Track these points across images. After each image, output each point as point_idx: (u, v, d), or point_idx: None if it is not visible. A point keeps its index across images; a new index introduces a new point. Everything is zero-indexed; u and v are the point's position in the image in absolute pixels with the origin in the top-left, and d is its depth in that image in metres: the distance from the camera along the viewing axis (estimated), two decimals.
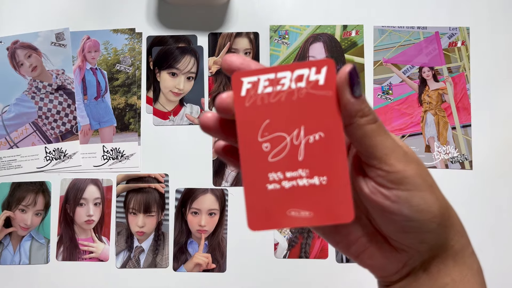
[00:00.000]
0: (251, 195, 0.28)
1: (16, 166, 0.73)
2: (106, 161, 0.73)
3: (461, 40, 0.74)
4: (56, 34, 0.75)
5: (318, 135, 0.27)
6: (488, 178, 0.72)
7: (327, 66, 0.27)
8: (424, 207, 0.27)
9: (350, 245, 0.30)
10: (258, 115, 0.28)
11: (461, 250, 0.29)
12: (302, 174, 0.27)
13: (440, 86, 0.73)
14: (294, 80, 0.28)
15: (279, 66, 0.28)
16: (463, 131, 0.73)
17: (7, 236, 0.72)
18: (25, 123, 0.74)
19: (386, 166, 0.26)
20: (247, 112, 0.28)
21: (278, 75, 0.28)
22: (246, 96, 0.28)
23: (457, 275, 0.29)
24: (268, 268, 0.71)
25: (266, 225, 0.28)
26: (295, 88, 0.28)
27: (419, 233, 0.27)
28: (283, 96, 0.28)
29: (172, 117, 0.74)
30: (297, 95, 0.28)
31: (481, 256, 0.31)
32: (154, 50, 0.74)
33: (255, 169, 0.28)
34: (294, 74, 0.28)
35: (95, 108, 0.74)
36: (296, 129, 0.28)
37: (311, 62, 0.27)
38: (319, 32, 0.74)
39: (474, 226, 0.71)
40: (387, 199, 0.27)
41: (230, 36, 0.75)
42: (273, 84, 0.28)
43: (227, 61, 0.29)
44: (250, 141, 0.28)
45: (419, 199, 0.27)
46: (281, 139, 0.28)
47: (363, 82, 0.74)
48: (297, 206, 0.27)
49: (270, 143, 0.28)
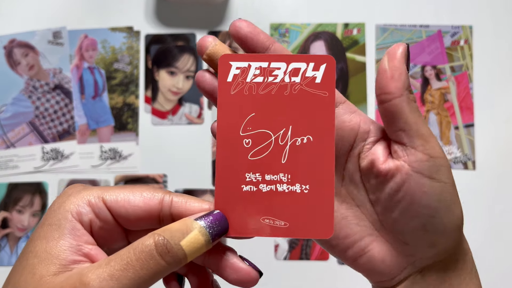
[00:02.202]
0: (222, 194, 0.25)
1: (13, 166, 0.72)
2: (104, 161, 0.72)
3: (464, 39, 0.73)
4: (53, 32, 0.74)
5: (306, 138, 0.25)
6: (491, 179, 0.71)
7: (327, 64, 0.25)
8: (450, 203, 0.26)
9: (347, 250, 0.29)
10: (243, 106, 0.26)
11: (462, 255, 0.28)
12: (283, 179, 0.25)
13: (442, 85, 0.73)
14: (288, 73, 0.25)
15: (274, 55, 0.26)
16: (466, 131, 0.72)
17: (4, 237, 0.72)
18: (22, 122, 0.73)
19: (429, 148, 0.25)
20: (231, 100, 0.26)
21: (272, 65, 0.25)
22: (233, 83, 0.26)
23: (455, 280, 0.28)
24: (269, 270, 0.71)
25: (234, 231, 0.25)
26: (289, 82, 0.25)
27: (436, 234, 0.27)
28: (274, 89, 0.25)
29: (170, 116, 0.73)
30: (290, 90, 0.25)
31: (484, 257, 0.31)
32: (153, 49, 0.74)
33: (232, 165, 0.26)
34: (290, 66, 0.25)
35: (93, 107, 0.73)
36: (283, 128, 0.25)
37: (310, 56, 0.25)
38: (320, 31, 0.74)
39: (477, 227, 0.70)
40: (421, 187, 0.26)
41: (230, 35, 0.74)
42: (264, 74, 0.25)
43: (236, 26, 0.28)
44: (231, 133, 0.26)
45: (448, 194, 0.26)
46: (266, 136, 0.25)
47: (364, 81, 0.73)
48: (272, 214, 0.25)
49: (252, 140, 0.25)
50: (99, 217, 0.25)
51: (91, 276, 0.22)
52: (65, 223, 0.24)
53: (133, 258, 0.22)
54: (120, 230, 0.26)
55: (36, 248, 0.23)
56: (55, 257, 0.23)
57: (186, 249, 0.23)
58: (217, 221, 0.24)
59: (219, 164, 0.26)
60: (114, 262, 0.22)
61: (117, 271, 0.22)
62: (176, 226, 0.23)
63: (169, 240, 0.22)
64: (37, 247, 0.23)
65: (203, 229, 0.24)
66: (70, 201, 0.25)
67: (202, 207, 0.26)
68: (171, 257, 0.22)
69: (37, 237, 0.24)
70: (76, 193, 0.25)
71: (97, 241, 0.25)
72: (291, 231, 0.25)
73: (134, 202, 0.25)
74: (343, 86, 0.73)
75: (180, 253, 0.23)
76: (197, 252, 0.23)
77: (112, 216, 0.25)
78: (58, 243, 0.23)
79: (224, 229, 0.25)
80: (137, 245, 0.23)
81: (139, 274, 0.22)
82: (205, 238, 0.24)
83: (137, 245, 0.23)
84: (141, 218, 0.26)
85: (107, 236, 0.26)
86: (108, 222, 0.25)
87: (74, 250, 0.23)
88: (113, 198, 0.25)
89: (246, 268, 0.25)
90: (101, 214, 0.25)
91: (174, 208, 0.26)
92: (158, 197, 0.26)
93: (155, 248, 0.22)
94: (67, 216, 0.24)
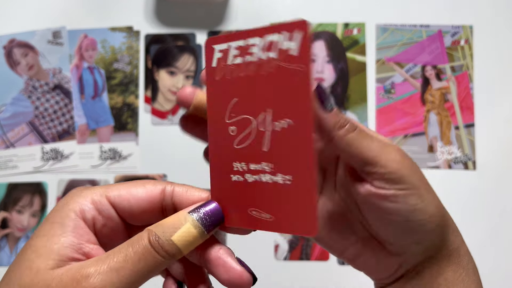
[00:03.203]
0: (216, 184, 0.25)
1: (12, 166, 0.72)
2: (103, 161, 0.72)
3: (464, 39, 0.73)
4: (53, 32, 0.74)
5: (286, 123, 0.22)
6: (491, 179, 0.71)
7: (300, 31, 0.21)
8: (422, 206, 0.26)
9: (344, 250, 0.30)
10: (226, 92, 0.24)
11: (456, 250, 0.29)
12: (266, 169, 0.23)
13: (443, 85, 0.72)
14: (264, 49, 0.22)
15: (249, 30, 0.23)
16: (467, 131, 0.72)
17: (4, 237, 0.71)
18: (21, 122, 0.73)
19: (380, 168, 0.25)
20: (217, 86, 0.24)
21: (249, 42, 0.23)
22: (217, 68, 0.24)
23: (451, 275, 0.28)
24: (269, 270, 0.70)
25: (229, 221, 0.25)
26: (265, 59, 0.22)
27: (416, 234, 0.27)
28: (252, 69, 0.23)
29: (170, 116, 0.73)
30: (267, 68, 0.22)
31: (484, 257, 0.31)
32: (153, 49, 0.74)
33: (221, 155, 0.24)
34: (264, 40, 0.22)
35: (93, 107, 0.73)
36: (262, 112, 0.23)
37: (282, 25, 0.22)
38: (320, 30, 0.73)
39: (477, 227, 0.70)
40: (386, 199, 0.26)
41: None
42: (242, 54, 0.23)
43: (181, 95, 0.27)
44: (218, 122, 0.24)
45: (417, 198, 0.26)
46: (247, 122, 0.23)
47: (364, 81, 0.73)
48: (258, 206, 0.23)
49: (236, 127, 0.24)
50: (102, 214, 0.25)
51: (91, 269, 0.22)
52: (68, 221, 0.24)
53: (131, 251, 0.22)
54: (122, 227, 0.27)
55: (36, 244, 0.23)
56: (55, 253, 0.23)
57: (178, 243, 0.23)
58: (210, 212, 0.24)
59: (211, 154, 0.25)
60: (113, 256, 0.23)
61: (116, 263, 0.22)
62: (169, 221, 0.24)
63: (160, 236, 0.23)
64: (37, 243, 0.23)
65: (195, 221, 0.24)
66: (74, 200, 0.25)
67: (201, 196, 0.26)
68: (165, 252, 0.23)
69: (38, 235, 0.24)
70: (79, 192, 0.26)
71: (99, 240, 0.25)
72: (276, 225, 0.23)
73: (136, 194, 0.26)
74: (343, 86, 0.73)
75: (172, 248, 0.23)
76: (191, 245, 0.24)
77: (115, 212, 0.26)
78: (60, 240, 0.23)
79: (217, 220, 0.25)
80: (134, 240, 0.23)
81: (137, 267, 0.22)
82: (198, 230, 0.24)
83: (134, 239, 0.23)
84: (144, 210, 0.26)
85: (110, 234, 0.26)
86: (111, 218, 0.26)
87: (75, 248, 0.24)
88: (116, 194, 0.26)
89: (239, 270, 0.24)
90: (104, 210, 0.25)
91: (176, 198, 0.26)
92: (160, 188, 0.26)
93: (149, 244, 0.23)
94: (70, 214, 0.24)
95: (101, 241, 0.25)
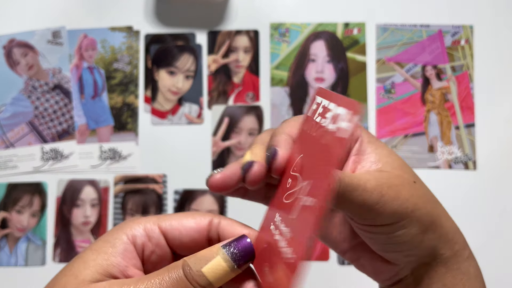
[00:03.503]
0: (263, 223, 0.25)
1: (12, 166, 0.72)
2: (103, 161, 0.72)
3: (464, 39, 0.73)
4: (52, 32, 0.74)
5: (310, 201, 0.21)
6: (492, 179, 0.71)
7: (357, 115, 0.20)
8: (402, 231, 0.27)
9: (345, 252, 0.31)
10: (302, 144, 0.24)
11: (453, 256, 0.29)
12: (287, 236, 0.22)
13: (443, 85, 0.72)
14: (333, 118, 0.22)
15: (341, 97, 0.22)
16: (467, 131, 0.72)
17: (3, 238, 0.71)
18: (21, 122, 0.73)
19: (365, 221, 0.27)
20: (301, 135, 0.25)
21: (330, 106, 0.22)
22: (308, 118, 0.24)
23: (450, 281, 0.28)
24: None
25: None
26: (329, 129, 0.21)
27: (402, 249, 0.27)
28: (319, 133, 0.22)
29: (170, 116, 0.73)
30: (324, 140, 0.22)
31: (485, 258, 0.30)
32: (152, 49, 0.73)
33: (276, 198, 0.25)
34: (337, 110, 0.21)
35: (92, 107, 0.73)
36: (307, 181, 0.22)
37: (350, 101, 0.21)
38: (320, 30, 0.73)
39: (478, 227, 0.70)
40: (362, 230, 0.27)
41: (230, 34, 0.74)
42: (322, 114, 0.23)
43: None
44: (287, 167, 0.25)
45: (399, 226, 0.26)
46: (297, 183, 0.23)
47: (364, 81, 0.73)
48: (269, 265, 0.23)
49: (292, 181, 0.24)
50: (152, 241, 0.27)
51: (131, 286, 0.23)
52: (119, 243, 0.26)
53: (166, 277, 0.24)
54: (170, 256, 0.28)
55: (86, 257, 0.25)
56: (103, 269, 0.25)
57: (208, 275, 0.24)
58: (241, 247, 0.25)
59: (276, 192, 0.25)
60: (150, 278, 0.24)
61: (152, 285, 0.23)
62: (203, 253, 0.25)
63: (192, 267, 0.24)
64: (88, 256, 0.25)
65: (225, 255, 0.24)
66: (128, 225, 0.27)
67: (242, 231, 0.26)
68: (196, 283, 0.24)
69: (90, 248, 0.26)
70: (134, 220, 0.28)
71: (145, 267, 0.27)
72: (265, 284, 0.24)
73: (187, 224, 0.27)
74: (344, 86, 0.73)
75: (202, 279, 0.24)
76: (222, 279, 0.24)
77: (165, 240, 0.27)
78: (109, 258, 0.25)
79: (248, 256, 0.25)
80: (171, 266, 0.24)
81: None
82: (228, 264, 0.24)
83: (171, 266, 0.24)
84: (193, 240, 0.27)
85: (156, 261, 0.27)
86: (160, 246, 0.27)
87: (120, 269, 0.25)
88: (167, 223, 0.27)
89: None
90: (154, 238, 0.27)
91: (221, 230, 0.27)
92: (208, 219, 0.27)
93: (183, 273, 0.24)
94: (123, 237, 0.26)
95: (146, 268, 0.27)
